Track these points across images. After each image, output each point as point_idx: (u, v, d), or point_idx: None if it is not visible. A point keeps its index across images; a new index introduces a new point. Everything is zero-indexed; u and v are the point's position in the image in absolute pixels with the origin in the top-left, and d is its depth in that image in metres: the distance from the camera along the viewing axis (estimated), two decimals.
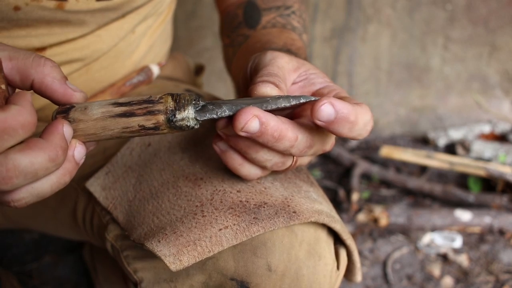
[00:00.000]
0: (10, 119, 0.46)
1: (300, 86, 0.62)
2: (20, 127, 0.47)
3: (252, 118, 0.51)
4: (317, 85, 0.61)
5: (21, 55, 0.52)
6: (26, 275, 1.32)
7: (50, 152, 0.48)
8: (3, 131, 0.45)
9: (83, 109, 0.54)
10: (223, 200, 0.60)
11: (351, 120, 0.52)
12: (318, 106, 0.51)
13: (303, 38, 0.81)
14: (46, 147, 0.48)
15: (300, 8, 0.85)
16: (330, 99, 0.51)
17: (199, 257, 0.57)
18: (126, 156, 0.73)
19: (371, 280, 1.47)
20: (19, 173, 0.46)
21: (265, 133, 0.52)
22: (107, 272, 1.05)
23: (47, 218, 0.91)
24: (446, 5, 1.81)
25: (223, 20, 0.89)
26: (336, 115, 0.51)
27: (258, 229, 0.57)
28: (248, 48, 0.78)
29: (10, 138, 0.46)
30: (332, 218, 0.62)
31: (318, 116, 0.51)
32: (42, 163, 0.47)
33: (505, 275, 1.46)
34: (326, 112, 0.51)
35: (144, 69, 0.88)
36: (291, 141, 0.53)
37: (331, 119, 0.51)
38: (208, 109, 0.54)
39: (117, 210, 0.69)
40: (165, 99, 0.53)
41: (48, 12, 0.68)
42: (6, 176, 0.46)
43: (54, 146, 0.49)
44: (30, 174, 0.47)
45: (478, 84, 1.95)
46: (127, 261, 0.67)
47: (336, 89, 0.60)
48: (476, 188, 1.75)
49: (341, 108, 0.51)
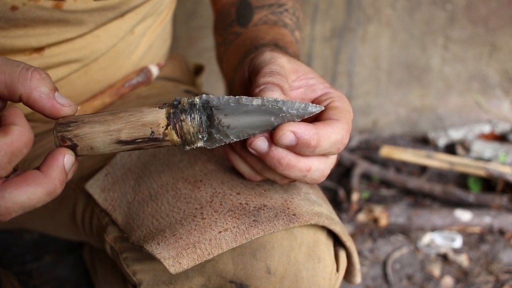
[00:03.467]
0: (16, 142, 0.48)
1: (301, 92, 0.62)
2: (24, 146, 0.49)
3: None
4: (318, 91, 0.61)
5: (8, 68, 0.51)
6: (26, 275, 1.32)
7: (48, 187, 0.49)
8: (12, 154, 0.48)
9: (89, 148, 0.54)
10: (222, 203, 0.60)
11: (313, 145, 0.53)
12: (279, 135, 0.53)
13: (295, 34, 0.81)
14: (44, 182, 0.49)
15: (294, 6, 0.84)
16: (293, 127, 0.53)
17: (199, 259, 0.57)
18: (125, 158, 0.73)
19: (371, 280, 1.47)
20: (18, 208, 0.48)
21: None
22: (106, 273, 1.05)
23: (46, 219, 0.90)
24: (446, 5, 1.81)
25: (217, 19, 0.89)
26: (298, 141, 0.53)
27: (258, 232, 0.57)
28: (238, 46, 0.78)
29: (17, 159, 0.48)
30: (331, 220, 0.62)
31: (279, 143, 0.53)
32: (40, 198, 0.49)
33: (505, 275, 1.46)
34: (288, 139, 0.53)
35: (143, 69, 0.88)
36: (303, 171, 0.56)
37: (293, 144, 0.53)
38: (215, 139, 0.55)
39: (116, 212, 0.69)
40: (169, 136, 0.54)
41: (45, 11, 0.68)
42: (5, 213, 0.48)
43: (52, 180, 0.50)
44: (28, 208, 0.49)
45: (478, 84, 1.95)
46: (126, 263, 0.67)
47: (333, 97, 0.60)
48: (476, 188, 1.75)
49: (302, 134, 0.53)
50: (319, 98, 0.61)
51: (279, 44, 0.73)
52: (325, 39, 1.87)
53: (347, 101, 0.60)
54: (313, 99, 0.61)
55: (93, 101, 0.83)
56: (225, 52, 0.83)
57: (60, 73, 0.77)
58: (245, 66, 0.63)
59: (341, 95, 0.60)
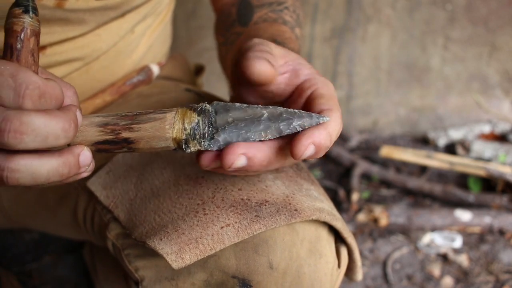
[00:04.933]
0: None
1: (285, 77, 0.60)
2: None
3: (238, 156, 0.53)
4: (302, 77, 0.59)
5: None
6: (26, 275, 1.32)
7: (64, 122, 0.48)
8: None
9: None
10: (224, 198, 0.60)
11: (328, 146, 0.54)
12: (302, 150, 0.53)
13: (295, 31, 0.81)
14: (61, 116, 0.48)
15: (294, 3, 0.85)
16: (311, 137, 0.52)
17: (201, 255, 0.57)
18: (127, 155, 0.73)
19: (371, 280, 1.47)
20: (31, 131, 0.45)
21: (253, 166, 0.54)
22: (107, 271, 1.05)
23: (47, 218, 0.90)
24: (446, 5, 1.81)
25: (218, 19, 0.90)
26: (317, 149, 0.53)
27: (260, 227, 0.57)
28: (239, 45, 0.78)
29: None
30: (333, 216, 0.62)
31: (304, 157, 0.53)
32: (55, 129, 0.47)
33: (505, 275, 1.46)
34: (310, 151, 0.53)
35: (144, 68, 0.88)
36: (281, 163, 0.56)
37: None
38: (218, 141, 0.55)
39: (118, 209, 0.69)
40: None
41: (47, 10, 0.68)
42: (17, 130, 0.45)
43: (68, 118, 0.49)
44: (41, 136, 0.46)
45: (478, 84, 1.95)
46: (128, 259, 0.67)
47: (316, 83, 0.58)
48: (476, 188, 1.76)
49: (320, 140, 0.53)
50: (302, 85, 0.59)
51: (278, 40, 0.73)
52: (325, 39, 1.87)
53: (332, 86, 0.59)
54: (296, 85, 0.60)
55: (95, 100, 0.83)
56: (227, 52, 0.83)
57: (62, 71, 0.78)
58: (235, 55, 0.63)
59: (325, 80, 0.59)
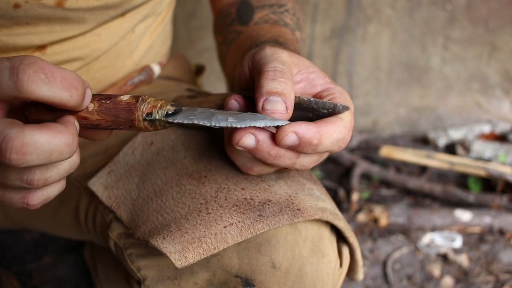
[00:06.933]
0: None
1: (301, 87, 0.61)
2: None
3: (248, 135, 0.54)
4: (318, 87, 0.61)
5: None
6: (26, 275, 1.32)
7: (67, 138, 0.47)
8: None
9: None
10: (227, 198, 0.60)
11: (314, 144, 0.54)
12: (282, 136, 0.53)
13: (295, 34, 0.81)
14: (64, 131, 0.47)
15: (294, 7, 0.85)
16: (294, 127, 0.53)
17: (204, 254, 0.57)
18: (128, 155, 0.73)
19: (371, 280, 1.47)
20: (34, 150, 0.45)
21: (261, 150, 0.55)
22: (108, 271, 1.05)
23: (48, 218, 0.90)
24: (446, 5, 1.81)
25: (217, 19, 0.90)
26: (300, 141, 0.54)
27: (263, 226, 0.57)
28: (239, 44, 0.78)
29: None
30: (335, 216, 0.62)
31: (282, 144, 0.54)
32: (58, 145, 0.46)
33: (505, 275, 1.46)
34: (291, 140, 0.54)
35: (145, 68, 0.88)
36: (292, 159, 0.57)
37: (295, 145, 0.54)
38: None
39: (120, 209, 0.69)
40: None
41: (47, 9, 0.68)
42: (20, 151, 0.44)
43: (71, 132, 0.48)
44: (44, 154, 0.45)
45: (478, 84, 1.95)
46: (131, 259, 0.67)
47: (334, 93, 0.60)
48: (476, 188, 1.76)
49: (304, 134, 0.53)
50: (320, 94, 0.61)
51: (279, 40, 0.73)
52: (325, 39, 1.87)
53: (349, 97, 0.60)
54: (313, 95, 0.61)
55: None
56: (226, 51, 0.83)
57: None
58: (246, 62, 0.62)
59: (343, 90, 0.60)
